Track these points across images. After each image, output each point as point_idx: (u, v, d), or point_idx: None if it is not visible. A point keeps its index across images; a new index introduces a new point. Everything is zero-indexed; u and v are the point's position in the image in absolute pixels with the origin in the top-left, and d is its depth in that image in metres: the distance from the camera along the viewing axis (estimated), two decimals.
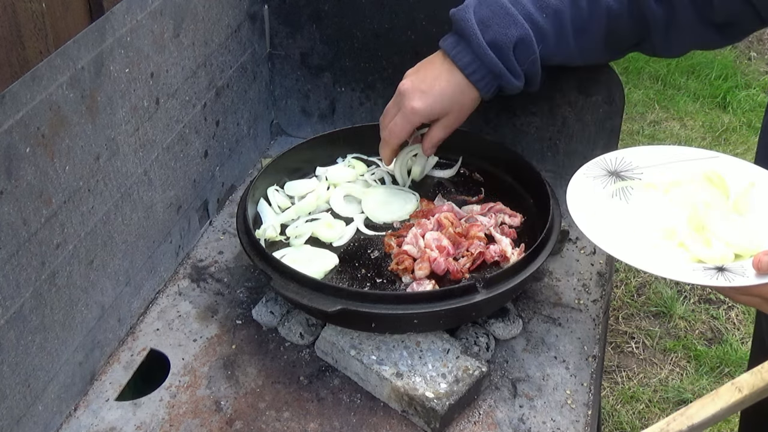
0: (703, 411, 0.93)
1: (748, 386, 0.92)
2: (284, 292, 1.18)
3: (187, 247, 1.46)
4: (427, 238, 1.29)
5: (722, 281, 0.99)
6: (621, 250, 1.07)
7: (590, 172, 1.20)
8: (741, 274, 1.00)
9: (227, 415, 1.16)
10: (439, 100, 1.30)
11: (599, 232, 1.09)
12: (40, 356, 1.07)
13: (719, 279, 1.00)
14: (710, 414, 0.92)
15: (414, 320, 1.16)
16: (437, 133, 1.36)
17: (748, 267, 1.00)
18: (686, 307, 2.87)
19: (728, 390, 0.93)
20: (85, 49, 1.07)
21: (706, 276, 1.01)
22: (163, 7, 1.25)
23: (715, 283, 1.00)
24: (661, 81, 4.17)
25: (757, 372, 0.93)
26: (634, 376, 2.64)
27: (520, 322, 1.29)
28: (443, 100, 1.30)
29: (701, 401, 0.93)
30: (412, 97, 1.30)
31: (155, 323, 1.32)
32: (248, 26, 1.57)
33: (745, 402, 0.93)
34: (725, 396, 0.93)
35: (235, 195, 1.61)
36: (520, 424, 1.15)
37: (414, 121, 1.32)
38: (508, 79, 1.29)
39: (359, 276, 1.31)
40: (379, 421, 1.15)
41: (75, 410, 1.17)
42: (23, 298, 1.01)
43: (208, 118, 1.46)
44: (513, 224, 1.38)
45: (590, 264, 1.44)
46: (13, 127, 0.94)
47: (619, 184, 1.18)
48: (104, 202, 1.17)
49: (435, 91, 1.29)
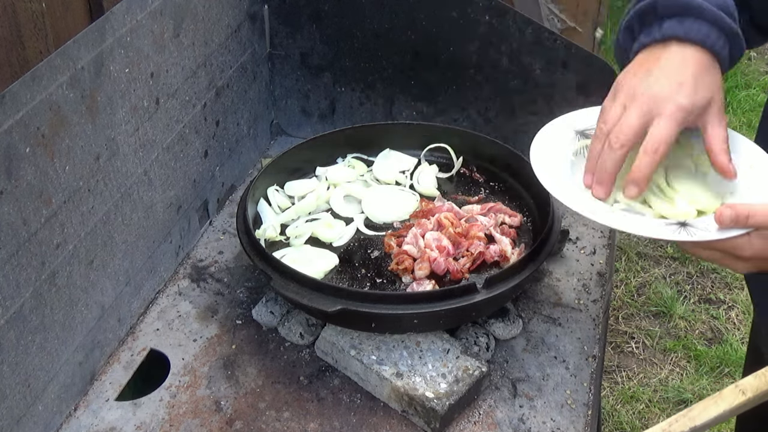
0: (705, 413, 0.93)
1: (751, 389, 0.92)
2: (284, 292, 1.18)
3: (187, 247, 1.46)
4: (427, 238, 1.30)
5: (684, 236, 0.98)
6: (583, 206, 1.04)
7: (555, 130, 1.17)
8: (703, 229, 0.99)
9: (227, 415, 1.16)
10: (700, 86, 1.04)
11: (562, 188, 1.07)
12: (40, 356, 1.07)
13: (681, 234, 0.99)
14: (713, 416, 0.92)
15: (414, 320, 1.16)
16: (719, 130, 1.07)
17: (711, 222, 0.99)
18: (686, 307, 2.87)
19: (732, 392, 0.93)
20: (85, 49, 1.07)
21: (669, 231, 1.00)
22: (163, 7, 1.25)
23: (677, 237, 0.99)
24: None
25: (762, 375, 0.93)
26: (634, 376, 2.63)
27: (520, 322, 1.29)
28: (704, 84, 1.05)
29: (704, 403, 0.93)
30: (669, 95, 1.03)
31: (155, 323, 1.32)
32: (248, 26, 1.57)
33: (748, 404, 0.93)
34: (729, 398, 0.93)
35: (235, 195, 1.61)
36: (520, 424, 1.15)
37: (681, 121, 1.04)
38: (740, 42, 1.09)
39: (359, 276, 1.31)
40: (379, 421, 1.15)
41: (75, 410, 1.17)
42: (23, 298, 1.01)
43: (208, 118, 1.46)
44: (513, 224, 1.38)
45: (590, 264, 1.44)
46: (13, 127, 0.94)
47: (584, 142, 1.15)
48: (104, 202, 1.17)
49: (688, 78, 1.04)
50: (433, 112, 1.65)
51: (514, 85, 1.56)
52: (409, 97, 1.66)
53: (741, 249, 0.97)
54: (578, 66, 1.48)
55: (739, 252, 0.97)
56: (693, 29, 1.06)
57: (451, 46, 1.57)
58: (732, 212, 0.96)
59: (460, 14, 1.53)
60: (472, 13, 1.51)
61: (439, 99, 1.64)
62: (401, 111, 1.68)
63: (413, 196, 1.46)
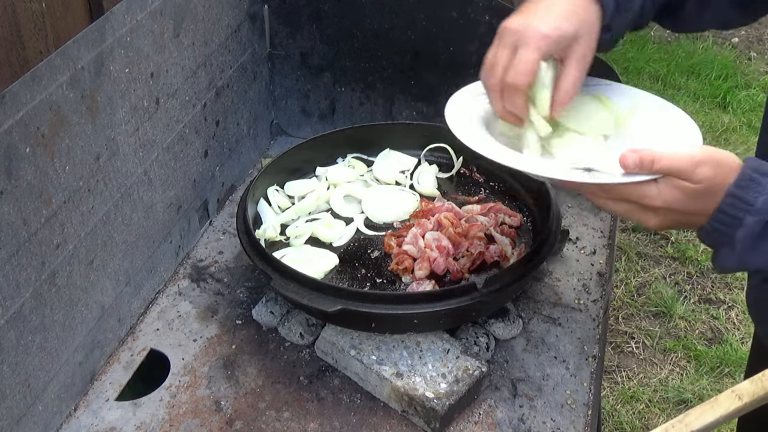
0: (702, 418, 0.92)
1: (748, 394, 0.92)
2: (284, 292, 1.18)
3: (187, 247, 1.46)
4: (427, 238, 1.29)
5: (587, 178, 0.98)
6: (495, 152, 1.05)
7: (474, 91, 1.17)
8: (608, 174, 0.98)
9: (227, 415, 1.15)
10: (567, 20, 1.05)
11: (476, 139, 1.07)
12: (40, 356, 1.07)
13: (585, 177, 0.98)
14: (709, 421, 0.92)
15: (414, 320, 1.16)
16: (575, 71, 1.07)
17: (616, 169, 0.98)
18: (686, 307, 2.87)
19: (728, 397, 0.93)
20: (85, 49, 1.07)
21: (573, 173, 1.00)
22: (163, 7, 1.24)
23: (580, 179, 0.98)
24: (661, 81, 4.17)
25: (758, 380, 0.93)
26: (634, 376, 2.63)
27: (520, 322, 1.29)
28: (571, 18, 1.05)
29: (700, 408, 0.93)
30: (536, 26, 1.04)
31: (155, 323, 1.32)
32: (248, 26, 1.57)
33: (745, 409, 0.93)
34: (725, 403, 0.92)
35: (235, 195, 1.61)
36: (520, 424, 1.15)
37: (544, 51, 1.05)
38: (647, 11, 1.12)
39: (359, 276, 1.31)
40: (379, 421, 1.15)
41: (75, 410, 1.17)
42: (23, 298, 1.01)
43: (208, 118, 1.46)
44: (513, 224, 1.38)
45: (590, 264, 1.44)
46: (13, 127, 0.94)
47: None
48: (104, 202, 1.17)
49: (557, 11, 1.05)
50: (433, 112, 1.64)
51: None
52: (409, 97, 1.66)
53: (650, 198, 0.96)
54: None
55: (648, 201, 0.96)
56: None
57: (451, 46, 1.57)
58: (636, 156, 0.95)
59: (460, 14, 1.53)
60: (472, 13, 1.51)
61: (439, 99, 1.63)
62: (401, 111, 1.68)
63: (413, 196, 1.46)
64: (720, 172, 0.94)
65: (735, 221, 0.92)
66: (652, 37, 4.51)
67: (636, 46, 4.36)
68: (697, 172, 0.94)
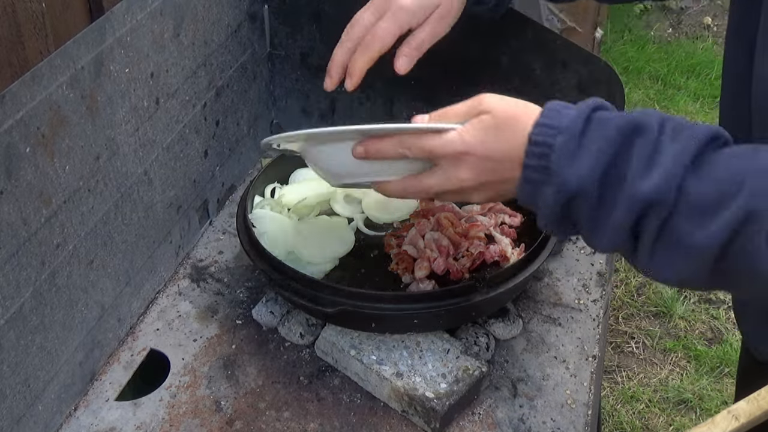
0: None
1: (744, 414, 0.92)
2: (284, 292, 1.18)
3: (187, 247, 1.46)
4: (427, 238, 1.29)
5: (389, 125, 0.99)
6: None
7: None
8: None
9: (227, 415, 1.16)
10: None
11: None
12: (40, 356, 1.07)
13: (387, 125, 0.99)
14: None
15: (414, 320, 1.16)
16: (424, 36, 1.17)
17: None
18: (686, 307, 2.87)
19: (725, 418, 0.92)
20: (85, 49, 1.07)
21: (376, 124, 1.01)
22: (163, 7, 1.24)
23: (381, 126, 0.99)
24: (661, 81, 4.17)
25: (754, 399, 0.93)
26: (634, 376, 2.64)
27: (520, 322, 1.29)
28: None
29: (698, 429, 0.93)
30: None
31: (155, 323, 1.32)
32: (248, 26, 1.57)
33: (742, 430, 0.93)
34: (722, 424, 0.92)
35: (235, 195, 1.61)
36: (520, 424, 1.15)
37: (403, 22, 1.16)
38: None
39: (359, 276, 1.31)
40: (379, 421, 1.15)
41: (75, 410, 1.17)
42: (23, 298, 1.01)
43: (208, 118, 1.46)
44: (513, 224, 1.38)
45: (590, 264, 1.44)
46: (13, 127, 0.94)
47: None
48: (104, 202, 1.17)
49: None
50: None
51: (514, 85, 1.55)
52: (409, 97, 1.66)
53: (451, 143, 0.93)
54: (578, 66, 1.48)
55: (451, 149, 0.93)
56: None
57: (451, 46, 1.57)
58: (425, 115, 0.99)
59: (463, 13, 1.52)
60: None
61: (440, 98, 1.64)
62: (401, 111, 1.68)
63: None
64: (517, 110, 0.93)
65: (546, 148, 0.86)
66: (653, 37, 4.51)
67: (636, 46, 4.36)
68: (484, 99, 0.95)
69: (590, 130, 0.85)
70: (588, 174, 0.84)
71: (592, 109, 0.88)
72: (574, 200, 0.86)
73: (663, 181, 0.81)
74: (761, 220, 0.78)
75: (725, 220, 0.79)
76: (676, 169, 0.81)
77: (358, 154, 1.00)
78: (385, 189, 1.05)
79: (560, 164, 0.85)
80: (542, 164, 0.87)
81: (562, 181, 0.85)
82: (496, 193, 0.96)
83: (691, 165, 0.82)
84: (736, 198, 0.79)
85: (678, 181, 0.81)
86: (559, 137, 0.85)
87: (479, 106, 0.95)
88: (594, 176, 0.84)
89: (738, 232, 0.79)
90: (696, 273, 0.84)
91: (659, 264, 0.85)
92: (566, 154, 0.84)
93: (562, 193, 0.85)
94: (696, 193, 0.81)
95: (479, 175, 0.94)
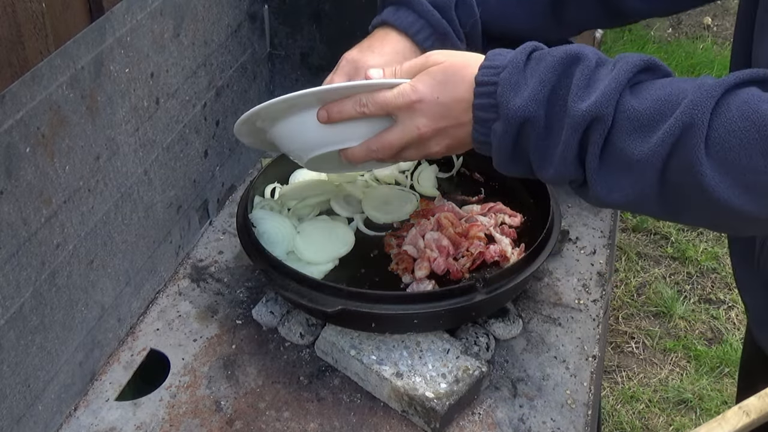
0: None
1: (755, 410, 0.92)
2: (284, 292, 1.18)
3: (187, 247, 1.46)
4: (427, 238, 1.29)
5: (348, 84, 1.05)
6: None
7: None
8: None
9: (227, 415, 1.16)
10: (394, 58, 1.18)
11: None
12: (40, 356, 1.07)
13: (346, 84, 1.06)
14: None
15: (414, 320, 1.16)
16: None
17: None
18: (686, 307, 2.87)
19: (735, 414, 0.93)
20: (85, 49, 1.07)
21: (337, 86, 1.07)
22: (163, 7, 1.25)
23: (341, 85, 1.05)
24: None
25: (765, 395, 0.93)
26: (634, 376, 2.64)
27: (520, 322, 1.29)
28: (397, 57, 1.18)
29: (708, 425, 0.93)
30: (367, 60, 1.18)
31: (155, 323, 1.32)
32: (248, 26, 1.57)
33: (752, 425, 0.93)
34: (732, 420, 0.93)
35: (235, 195, 1.61)
36: (520, 424, 1.15)
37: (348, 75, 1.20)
38: (453, 40, 1.22)
39: (359, 276, 1.31)
40: (379, 421, 1.15)
41: (75, 410, 1.17)
42: (23, 298, 1.01)
43: (208, 118, 1.46)
44: (513, 224, 1.38)
45: (590, 264, 1.44)
46: (13, 127, 0.94)
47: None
48: (104, 202, 1.17)
49: (387, 51, 1.19)
50: None
51: None
52: None
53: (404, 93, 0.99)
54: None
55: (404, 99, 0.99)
56: (401, 18, 1.20)
57: None
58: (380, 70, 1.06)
59: None
60: None
61: None
62: None
63: (413, 196, 1.46)
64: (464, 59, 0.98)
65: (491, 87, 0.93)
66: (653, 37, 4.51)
67: (636, 46, 4.36)
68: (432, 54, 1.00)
69: (530, 64, 0.92)
70: (532, 100, 0.89)
71: (531, 49, 0.94)
72: (523, 128, 0.91)
73: (601, 98, 0.86)
74: (699, 131, 0.81)
75: (664, 132, 0.83)
76: (614, 90, 0.86)
77: (322, 118, 1.05)
78: (351, 154, 1.08)
79: (506, 96, 0.90)
80: (490, 102, 0.93)
81: (508, 111, 0.90)
82: (453, 139, 1.01)
83: (627, 86, 0.87)
84: (674, 111, 0.83)
85: (616, 97, 0.86)
86: (503, 73, 0.91)
87: (428, 60, 1.01)
88: (539, 101, 0.89)
89: (677, 145, 0.83)
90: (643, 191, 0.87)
91: (606, 184, 0.89)
92: (510, 86, 0.90)
93: (510, 123, 0.91)
94: (634, 109, 0.85)
95: (434, 120, 0.99)
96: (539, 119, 0.89)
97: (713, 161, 0.81)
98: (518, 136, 0.92)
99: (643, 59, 0.89)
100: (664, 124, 0.83)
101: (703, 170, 0.81)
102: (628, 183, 0.88)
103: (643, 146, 0.84)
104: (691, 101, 0.82)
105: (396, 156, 1.07)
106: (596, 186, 0.90)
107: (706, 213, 0.87)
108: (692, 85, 0.85)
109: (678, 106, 0.83)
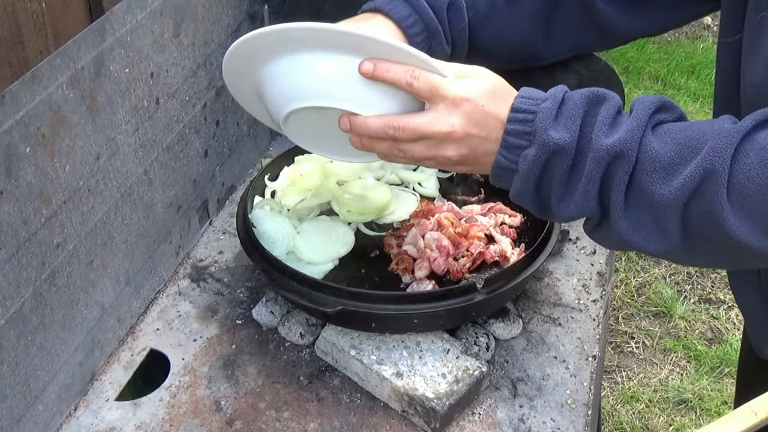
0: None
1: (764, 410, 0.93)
2: (284, 292, 1.18)
3: (187, 247, 1.46)
4: (427, 238, 1.29)
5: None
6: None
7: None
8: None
9: (227, 415, 1.16)
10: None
11: None
12: (40, 356, 1.07)
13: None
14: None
15: (414, 320, 1.16)
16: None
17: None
18: (686, 307, 2.87)
19: (744, 413, 0.93)
20: (85, 49, 1.07)
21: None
22: (163, 7, 1.25)
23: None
24: (661, 81, 4.17)
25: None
26: (634, 376, 2.64)
27: (520, 322, 1.29)
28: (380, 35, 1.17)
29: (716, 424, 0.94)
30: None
31: (155, 323, 1.32)
32: (248, 26, 1.57)
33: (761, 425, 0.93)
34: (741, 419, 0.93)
35: (235, 195, 1.61)
36: (520, 424, 1.15)
37: None
38: (440, 41, 1.23)
39: (359, 276, 1.31)
40: (379, 421, 1.15)
41: (75, 410, 1.17)
42: (23, 298, 1.01)
43: (208, 118, 1.46)
44: (513, 224, 1.38)
45: (590, 264, 1.44)
46: (13, 127, 0.94)
47: None
48: (104, 202, 1.17)
49: (375, 30, 1.19)
50: None
51: (514, 85, 1.55)
52: None
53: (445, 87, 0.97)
54: (578, 66, 1.48)
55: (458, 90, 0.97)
56: (396, 8, 1.20)
57: None
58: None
59: None
60: None
61: None
62: None
63: (413, 196, 1.46)
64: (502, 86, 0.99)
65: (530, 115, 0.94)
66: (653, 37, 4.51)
67: (636, 46, 4.36)
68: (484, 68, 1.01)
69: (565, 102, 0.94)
70: (566, 131, 0.92)
71: (565, 89, 0.97)
72: (553, 157, 0.93)
73: (625, 135, 0.88)
74: (721, 178, 0.83)
75: (686, 177, 0.85)
76: (636, 128, 0.89)
77: (366, 70, 0.98)
78: (362, 123, 1.01)
79: (545, 124, 0.92)
80: (525, 129, 0.94)
81: (545, 138, 0.92)
82: (472, 151, 0.99)
83: (649, 125, 0.90)
84: (695, 157, 0.85)
85: (639, 135, 0.89)
86: (543, 104, 0.94)
87: (481, 69, 1.01)
88: (572, 133, 0.91)
89: (699, 190, 0.85)
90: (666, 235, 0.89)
91: (631, 222, 0.91)
92: (551, 117, 0.92)
93: (544, 150, 0.92)
94: (656, 152, 0.88)
95: (469, 125, 0.98)
96: (570, 151, 0.92)
97: (734, 207, 0.84)
98: (547, 164, 0.94)
99: (659, 99, 0.92)
100: (686, 168, 0.86)
101: (725, 215, 0.84)
102: (650, 221, 0.90)
103: (664, 189, 0.87)
104: (711, 148, 0.84)
105: (404, 148, 1.01)
106: (622, 223, 0.91)
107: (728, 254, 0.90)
108: (711, 129, 0.87)
109: (699, 152, 0.86)
